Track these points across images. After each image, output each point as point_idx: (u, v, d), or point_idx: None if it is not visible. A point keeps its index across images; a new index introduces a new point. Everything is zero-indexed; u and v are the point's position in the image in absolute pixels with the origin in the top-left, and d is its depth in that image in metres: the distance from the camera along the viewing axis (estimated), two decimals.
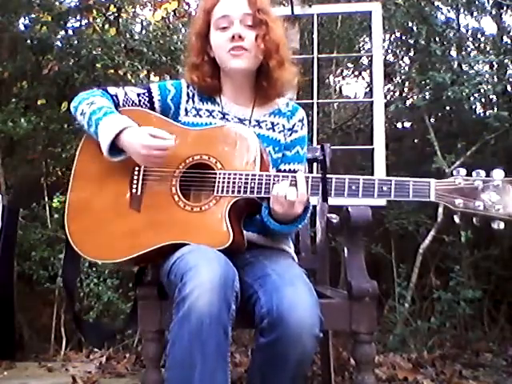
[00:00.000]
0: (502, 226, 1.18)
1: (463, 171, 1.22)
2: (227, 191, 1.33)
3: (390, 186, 1.25)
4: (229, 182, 1.33)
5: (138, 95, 1.53)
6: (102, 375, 2.51)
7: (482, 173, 1.21)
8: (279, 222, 1.36)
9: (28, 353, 2.94)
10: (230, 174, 1.34)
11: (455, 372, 2.50)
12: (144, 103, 1.53)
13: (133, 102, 1.52)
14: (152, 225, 1.36)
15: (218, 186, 1.34)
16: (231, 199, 1.33)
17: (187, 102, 1.55)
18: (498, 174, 1.20)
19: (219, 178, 1.34)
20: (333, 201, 1.32)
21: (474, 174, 1.21)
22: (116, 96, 1.52)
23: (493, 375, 2.50)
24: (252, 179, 1.32)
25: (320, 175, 1.29)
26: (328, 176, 1.28)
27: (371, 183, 1.26)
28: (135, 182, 1.42)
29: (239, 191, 1.32)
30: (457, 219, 1.22)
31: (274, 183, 1.31)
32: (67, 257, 1.50)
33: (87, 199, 1.45)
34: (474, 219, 1.21)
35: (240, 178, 1.33)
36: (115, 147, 1.39)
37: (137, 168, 1.42)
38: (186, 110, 1.54)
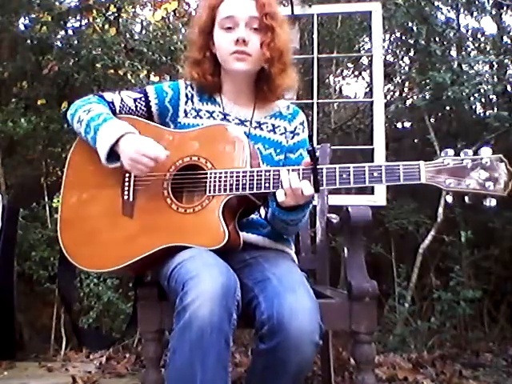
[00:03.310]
0: (493, 202, 1.19)
1: (451, 151, 1.23)
2: (219, 190, 1.32)
3: (381, 171, 1.25)
4: (220, 181, 1.32)
5: (135, 100, 1.52)
6: (102, 375, 2.51)
7: (470, 152, 1.22)
8: (290, 210, 1.33)
9: (28, 353, 2.94)
10: (220, 173, 1.33)
11: (455, 372, 2.50)
12: (141, 108, 1.52)
13: (129, 108, 1.52)
14: (146, 230, 1.35)
15: (210, 186, 1.33)
16: (224, 198, 1.32)
17: (186, 103, 1.54)
18: (486, 151, 1.20)
19: (210, 177, 1.34)
20: (333, 201, 1.31)
21: (462, 153, 1.22)
22: (112, 103, 1.51)
23: (493, 375, 2.50)
24: (243, 176, 1.31)
25: (310, 167, 1.27)
26: (318, 167, 1.27)
27: (362, 170, 1.26)
28: (126, 188, 1.41)
29: (231, 189, 1.31)
30: (449, 199, 1.22)
31: (266, 179, 1.30)
32: (63, 271, 1.50)
33: (79, 209, 1.44)
34: (466, 198, 1.21)
35: (231, 176, 1.32)
36: (113, 153, 1.38)
37: (127, 174, 1.42)
38: (185, 111, 1.53)
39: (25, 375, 2.50)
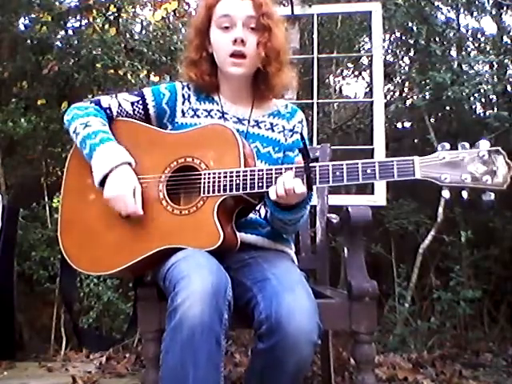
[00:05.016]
0: (492, 197, 1.14)
1: (447, 145, 1.19)
2: (213, 191, 1.32)
3: (374, 167, 1.22)
4: (214, 182, 1.32)
5: (132, 104, 1.52)
6: (102, 375, 2.51)
7: (467, 145, 1.18)
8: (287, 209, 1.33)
9: (28, 353, 2.94)
10: (214, 174, 1.32)
11: (455, 372, 2.50)
12: (138, 111, 1.52)
13: (127, 112, 1.52)
14: (142, 233, 1.36)
15: (204, 187, 1.33)
16: (218, 198, 1.31)
17: (183, 103, 1.54)
18: (484, 144, 1.16)
19: (204, 178, 1.33)
20: (333, 201, 1.29)
21: (459, 147, 1.18)
22: (109, 108, 1.51)
23: (493, 375, 2.50)
24: (237, 176, 1.31)
25: (303, 165, 1.25)
26: (312, 165, 1.25)
27: (355, 167, 1.23)
28: None
29: (225, 189, 1.31)
30: (446, 194, 1.17)
31: (259, 178, 1.29)
32: (64, 271, 1.50)
33: (78, 212, 1.45)
34: (465, 193, 1.17)
35: (225, 177, 1.31)
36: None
37: None
38: (182, 111, 1.53)
39: (25, 375, 2.50)
